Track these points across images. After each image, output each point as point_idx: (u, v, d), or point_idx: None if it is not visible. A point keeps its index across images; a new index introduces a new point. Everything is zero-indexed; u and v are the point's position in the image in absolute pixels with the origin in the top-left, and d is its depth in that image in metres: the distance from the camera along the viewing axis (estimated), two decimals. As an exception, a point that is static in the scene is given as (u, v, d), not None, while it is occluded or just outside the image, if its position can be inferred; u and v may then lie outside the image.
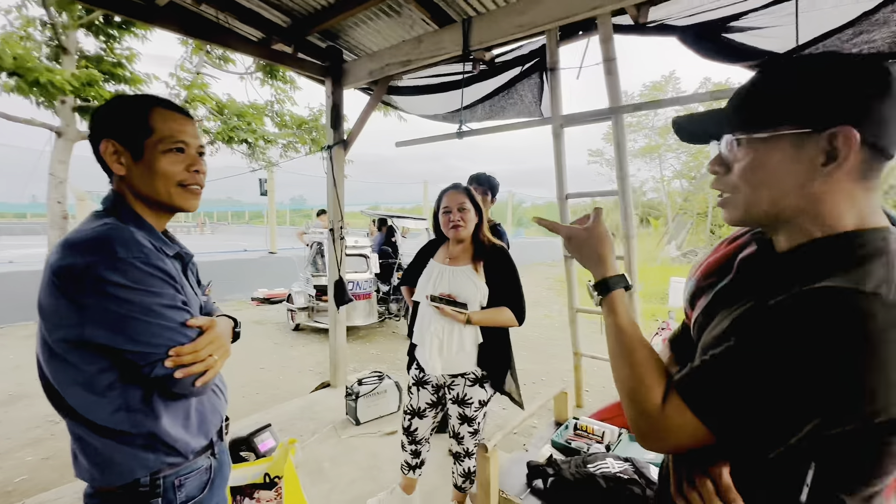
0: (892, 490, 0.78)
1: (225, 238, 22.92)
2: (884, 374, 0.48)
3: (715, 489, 0.60)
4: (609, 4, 2.01)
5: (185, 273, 1.01)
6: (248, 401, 3.85)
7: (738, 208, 0.65)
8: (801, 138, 0.57)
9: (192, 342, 0.86)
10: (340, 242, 3.44)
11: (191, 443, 0.94)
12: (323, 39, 3.23)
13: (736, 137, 0.62)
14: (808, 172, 0.57)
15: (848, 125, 0.54)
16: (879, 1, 1.77)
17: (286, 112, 7.31)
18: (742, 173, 0.62)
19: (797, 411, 0.52)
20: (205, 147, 0.99)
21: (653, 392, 0.62)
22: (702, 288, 0.78)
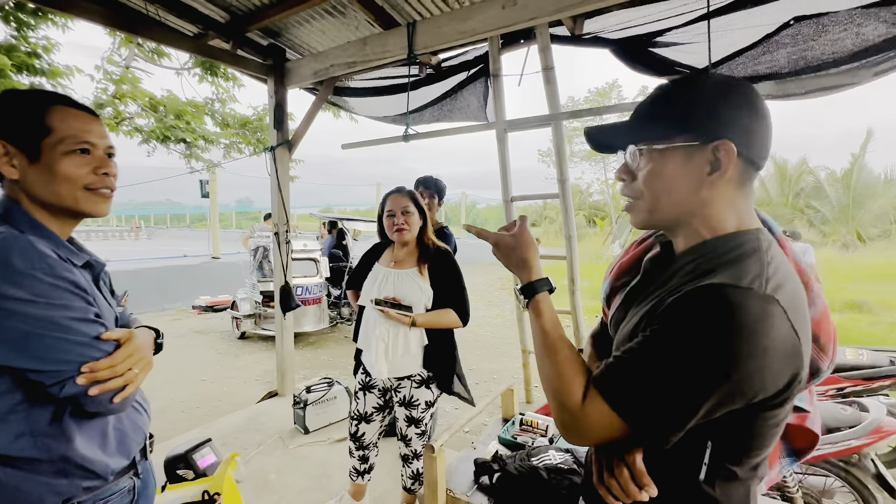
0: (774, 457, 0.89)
1: (163, 243, 21.44)
2: (756, 358, 0.55)
3: (630, 475, 0.65)
4: (546, 16, 2.10)
5: (98, 284, 0.94)
6: (188, 416, 3.63)
7: (642, 212, 0.71)
8: (691, 150, 0.64)
9: (108, 356, 0.81)
10: (287, 246, 3.33)
11: (110, 464, 0.88)
12: (264, 37, 3.12)
13: (638, 148, 0.68)
14: (698, 180, 0.65)
15: (727, 139, 0.62)
16: (779, 25, 1.98)
17: (228, 111, 6.96)
18: (644, 180, 0.68)
19: (693, 397, 0.57)
20: (114, 149, 0.93)
21: (574, 389, 0.66)
22: (615, 288, 0.85)
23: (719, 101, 0.63)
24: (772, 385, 0.57)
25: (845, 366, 2.53)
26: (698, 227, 0.67)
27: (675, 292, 0.62)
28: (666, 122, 0.66)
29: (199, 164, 7.33)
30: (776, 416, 0.62)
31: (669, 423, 0.60)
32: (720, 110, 0.63)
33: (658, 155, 0.66)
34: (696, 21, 2.12)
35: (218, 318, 7.25)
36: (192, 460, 2.26)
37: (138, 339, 0.88)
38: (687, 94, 0.66)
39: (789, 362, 0.57)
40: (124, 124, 6.20)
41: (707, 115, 0.63)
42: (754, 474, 0.67)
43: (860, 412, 1.98)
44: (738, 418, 0.61)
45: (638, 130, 0.69)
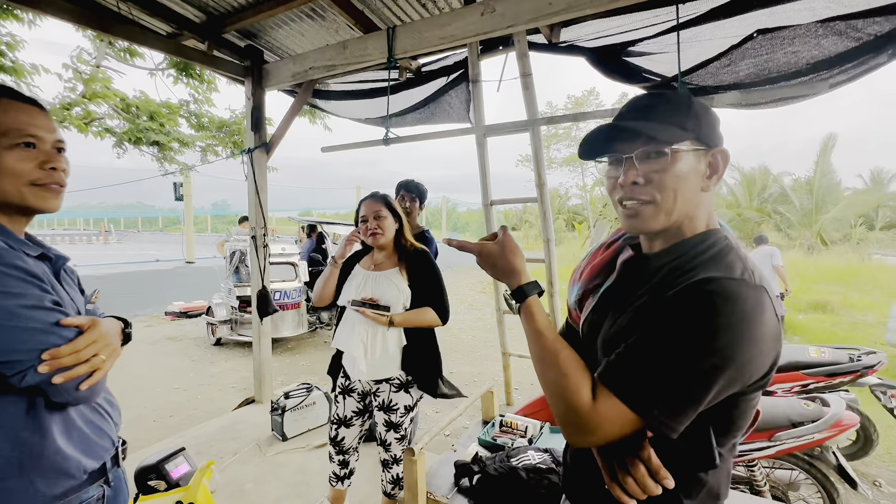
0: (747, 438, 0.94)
1: (134, 247, 20.74)
2: (755, 342, 0.60)
3: (647, 471, 0.66)
4: (524, 24, 2.15)
5: (58, 277, 0.91)
6: (161, 425, 3.52)
7: (658, 215, 0.71)
8: (697, 154, 0.70)
9: (70, 343, 0.78)
10: (264, 250, 3.28)
11: (82, 461, 0.86)
12: (242, 38, 3.08)
13: (656, 148, 0.69)
14: (699, 183, 0.71)
15: (724, 149, 0.71)
16: (744, 37, 2.08)
17: (204, 113, 6.82)
18: (665, 181, 0.69)
19: (702, 384, 0.60)
20: (65, 143, 0.90)
21: (582, 389, 0.66)
22: (588, 290, 0.86)
23: (713, 116, 0.73)
24: (762, 367, 0.63)
25: (808, 363, 2.64)
26: (683, 228, 0.72)
27: (669, 288, 0.66)
28: (677, 126, 0.70)
29: (173, 167, 7.15)
30: (758, 396, 0.68)
31: (682, 411, 0.62)
32: (715, 123, 0.72)
33: (676, 156, 0.69)
34: (666, 32, 2.20)
35: (192, 325, 7.06)
36: (165, 470, 2.18)
37: (103, 326, 0.85)
38: (688, 104, 0.71)
39: (775, 345, 0.63)
40: (94, 125, 6.00)
41: (708, 125, 0.71)
42: (732, 454, 0.73)
43: (822, 407, 2.08)
44: (730, 403, 0.65)
45: (654, 131, 0.69)
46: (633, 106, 0.75)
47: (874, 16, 1.83)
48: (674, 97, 0.73)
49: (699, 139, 0.70)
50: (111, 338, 0.87)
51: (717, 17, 2.08)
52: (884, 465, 3.06)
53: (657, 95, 0.74)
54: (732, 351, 0.59)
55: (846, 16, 1.87)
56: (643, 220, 0.72)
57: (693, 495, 0.71)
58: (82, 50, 5.79)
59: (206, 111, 6.74)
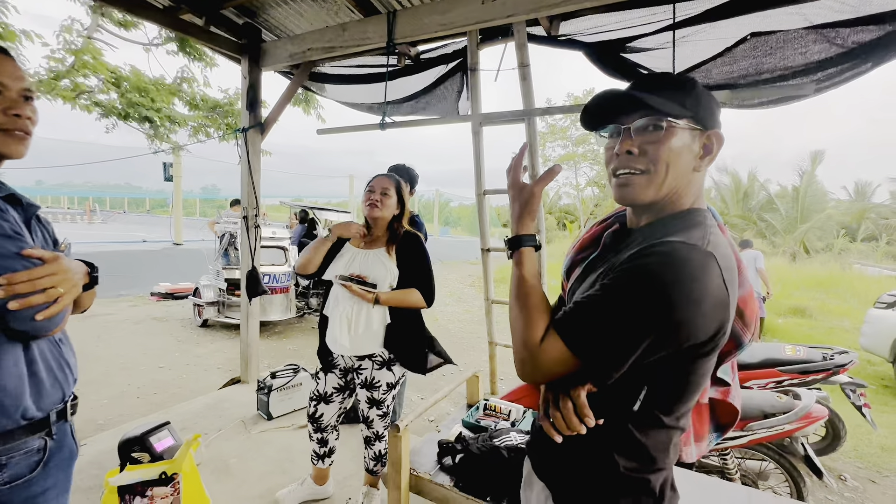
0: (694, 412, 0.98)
1: (120, 227, 20.39)
2: (693, 304, 0.62)
3: (573, 408, 0.71)
4: (524, 14, 2.17)
5: (29, 227, 0.91)
6: (145, 402, 3.51)
7: (651, 186, 0.73)
8: (694, 133, 0.73)
9: (28, 270, 0.78)
10: (255, 231, 3.28)
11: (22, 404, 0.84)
12: (240, 15, 3.05)
13: (655, 120, 0.71)
14: (692, 161, 0.74)
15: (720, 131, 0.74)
16: (738, 39, 2.12)
17: (198, 92, 6.71)
18: (660, 152, 0.71)
19: (634, 334, 0.64)
20: (33, 91, 0.90)
21: (537, 328, 0.72)
22: (576, 261, 0.91)
23: (713, 101, 0.75)
24: (703, 331, 0.65)
25: (784, 360, 2.74)
26: (670, 205, 0.75)
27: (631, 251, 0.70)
28: (681, 103, 0.72)
29: (163, 145, 7.04)
30: (703, 365, 0.70)
31: (613, 357, 0.66)
32: (714, 108, 0.75)
33: (672, 131, 0.71)
34: (663, 30, 2.24)
35: (178, 306, 7.00)
36: (149, 443, 2.19)
37: (65, 261, 0.85)
38: (691, 86, 0.74)
39: (718, 312, 0.65)
40: (83, 97, 5.87)
41: (707, 108, 0.74)
42: (678, 425, 0.75)
43: (793, 400, 2.16)
44: (670, 364, 0.68)
45: (657, 103, 0.71)
46: (637, 81, 0.78)
47: (859, 25, 1.89)
48: (678, 78, 0.76)
49: (696, 119, 0.72)
50: (72, 274, 0.86)
51: (712, 17, 2.12)
52: (850, 461, 3.18)
53: (662, 75, 0.77)
54: (666, 309, 0.62)
55: (834, 24, 1.93)
56: (633, 190, 0.74)
57: (627, 453, 0.74)
58: (74, 20, 5.66)
59: (200, 90, 6.64)
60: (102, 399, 3.48)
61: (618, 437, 0.74)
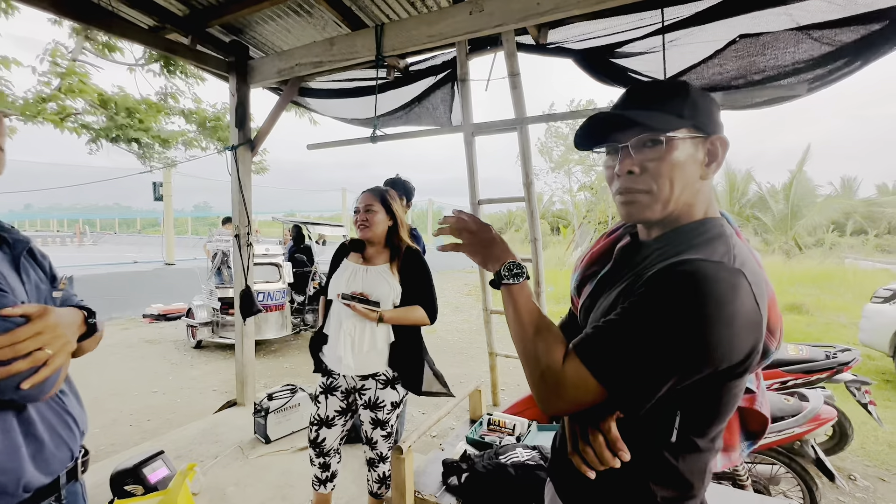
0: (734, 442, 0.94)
1: (110, 249, 20.16)
2: (725, 326, 0.58)
3: (605, 442, 0.66)
4: (512, 23, 2.16)
5: (18, 265, 0.84)
6: (138, 429, 3.41)
7: (652, 205, 0.70)
8: (695, 141, 0.69)
9: (8, 333, 0.70)
10: (248, 249, 3.22)
11: (23, 476, 0.76)
12: (226, 33, 3.03)
13: (652, 136, 0.68)
14: (698, 171, 0.70)
15: (722, 136, 0.70)
16: (727, 41, 2.13)
17: (186, 109, 6.67)
18: (662, 170, 0.68)
19: (667, 362, 0.59)
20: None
21: (554, 353, 0.67)
22: (586, 276, 0.87)
23: (711, 103, 0.72)
24: (736, 353, 0.61)
25: (787, 361, 2.71)
26: (681, 216, 0.72)
27: (649, 269, 0.66)
28: (674, 113, 0.69)
29: (154, 164, 6.98)
30: (737, 385, 0.67)
31: (644, 387, 0.61)
32: (713, 110, 0.71)
33: (672, 144, 0.68)
34: (652, 35, 2.25)
35: (171, 327, 6.88)
36: (143, 474, 2.12)
37: (55, 315, 0.76)
38: (685, 92, 0.70)
39: (752, 332, 0.61)
40: (69, 121, 5.82)
41: (706, 112, 0.70)
42: (712, 446, 0.71)
43: (801, 402, 2.13)
44: (703, 388, 0.64)
45: (651, 119, 0.68)
46: (629, 94, 0.74)
47: (846, 25, 1.90)
48: (670, 85, 0.72)
49: (696, 126, 0.69)
50: (63, 329, 0.77)
51: (700, 21, 2.13)
52: (858, 460, 3.15)
53: (654, 84, 0.75)
54: (700, 331, 0.58)
55: (821, 24, 1.94)
56: (639, 210, 0.71)
57: (664, 482, 0.69)
58: (59, 44, 5.62)
59: (188, 108, 6.61)
60: (94, 428, 3.38)
61: (653, 465, 0.69)
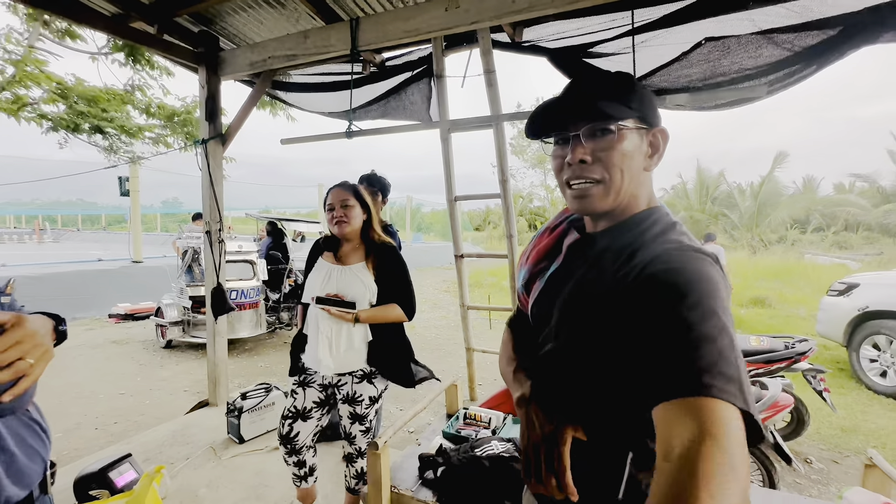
0: None
1: (73, 246, 19.27)
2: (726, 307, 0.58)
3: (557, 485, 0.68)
4: (487, 21, 2.17)
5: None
6: (104, 433, 3.29)
7: (605, 195, 0.70)
8: (641, 132, 0.71)
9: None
10: (219, 246, 3.14)
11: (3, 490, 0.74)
12: (195, 23, 2.94)
13: (603, 126, 0.68)
14: (642, 162, 0.72)
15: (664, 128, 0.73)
16: (693, 44, 2.20)
17: (153, 100, 6.41)
18: (612, 159, 0.68)
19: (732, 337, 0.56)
20: None
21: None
22: (534, 274, 0.85)
23: (652, 96, 0.74)
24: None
25: (750, 351, 2.84)
26: (628, 207, 0.73)
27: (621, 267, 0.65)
28: (623, 104, 0.69)
29: (119, 159, 6.70)
30: None
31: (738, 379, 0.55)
32: (654, 104, 0.74)
33: (621, 135, 0.69)
34: (623, 36, 2.30)
35: (140, 327, 6.65)
36: (109, 478, 2.06)
37: (30, 323, 0.73)
38: (631, 83, 0.72)
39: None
40: (26, 110, 5.52)
41: (649, 105, 0.72)
42: None
43: (761, 390, 2.24)
44: None
45: (601, 110, 0.68)
46: (577, 83, 0.74)
47: (804, 30, 1.99)
48: (617, 77, 0.73)
49: (642, 118, 0.71)
50: (41, 338, 0.73)
51: (668, 23, 2.19)
52: (814, 444, 3.33)
53: (602, 74, 0.74)
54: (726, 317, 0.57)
55: (781, 29, 2.03)
56: (592, 201, 0.71)
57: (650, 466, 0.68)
58: (11, 29, 5.32)
59: (157, 98, 6.35)
60: (56, 433, 3.24)
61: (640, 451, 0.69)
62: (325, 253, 1.89)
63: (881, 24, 1.80)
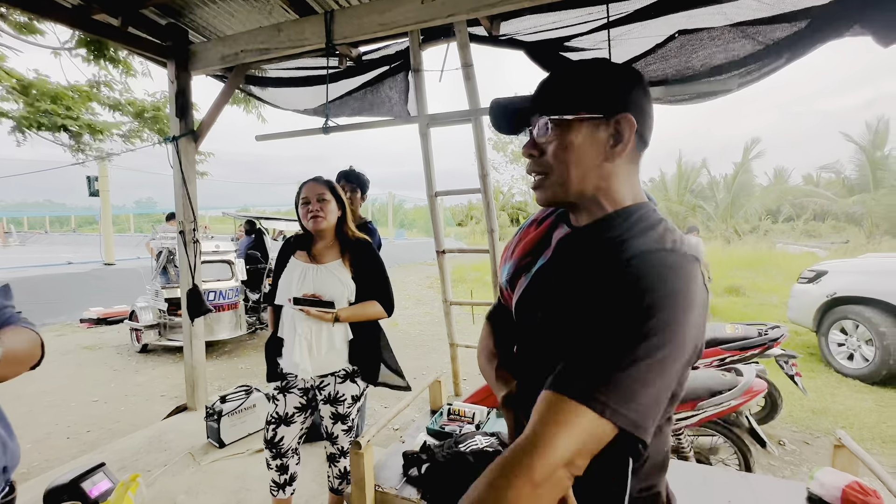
0: None
1: (41, 249, 18.53)
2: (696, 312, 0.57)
3: None
4: (464, 14, 2.15)
5: None
6: (76, 441, 3.18)
7: (553, 187, 0.70)
8: (596, 122, 0.67)
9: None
10: (194, 246, 3.06)
11: None
12: (162, 15, 2.83)
13: (548, 119, 0.68)
14: (602, 152, 0.68)
15: (628, 113, 0.66)
16: (667, 37, 2.23)
17: (121, 96, 6.17)
18: (554, 152, 0.68)
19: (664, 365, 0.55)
20: None
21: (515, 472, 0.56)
22: (520, 269, 0.82)
23: (619, 79, 0.68)
24: (702, 336, 0.61)
25: (725, 339, 2.91)
26: (602, 201, 0.70)
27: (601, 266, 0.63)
28: (572, 96, 0.68)
29: (87, 156, 6.44)
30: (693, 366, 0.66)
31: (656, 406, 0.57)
32: (621, 88, 0.68)
33: (567, 127, 0.67)
34: (598, 29, 2.31)
35: (113, 332, 6.44)
36: (81, 489, 1.98)
37: None
38: (590, 72, 0.69)
39: (706, 312, 0.61)
40: (-16, 108, 5.26)
41: (609, 91, 0.67)
42: (670, 424, 0.73)
43: (736, 376, 2.29)
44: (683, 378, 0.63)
45: (546, 103, 0.69)
46: (543, 80, 0.73)
47: (775, 23, 2.04)
48: (574, 66, 0.70)
49: (596, 107, 0.67)
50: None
51: (642, 17, 2.21)
52: (786, 427, 3.45)
53: (567, 65, 0.72)
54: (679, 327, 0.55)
55: (752, 21, 2.07)
56: (543, 193, 0.72)
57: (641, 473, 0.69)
58: (-34, 22, 5.03)
59: (125, 95, 6.12)
60: (25, 444, 3.12)
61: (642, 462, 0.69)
62: (297, 252, 1.84)
63: (848, 17, 1.85)
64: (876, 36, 1.85)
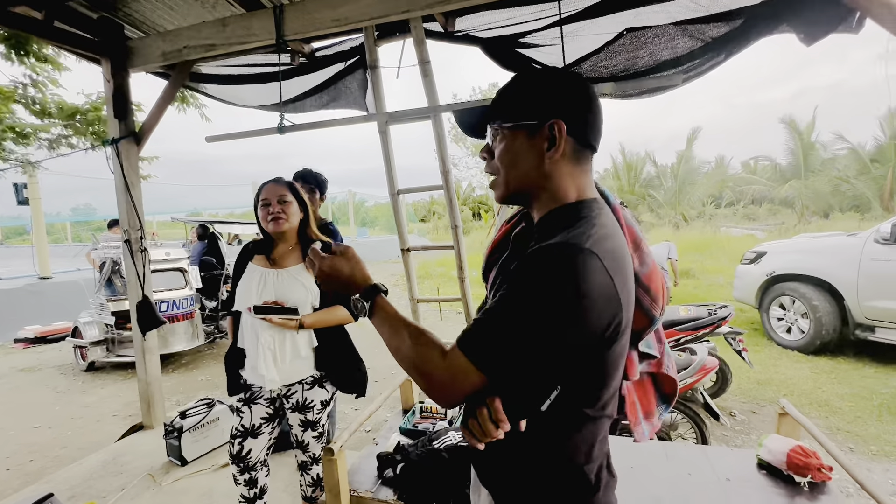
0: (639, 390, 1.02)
1: (-37, 265, 16.79)
2: (578, 301, 0.63)
3: (488, 414, 0.69)
4: (419, 10, 2.14)
5: None
6: (17, 473, 2.93)
7: (500, 186, 0.80)
8: (532, 128, 0.74)
9: None
10: (142, 255, 2.88)
11: None
12: (92, 8, 2.63)
13: (492, 127, 0.79)
14: (539, 155, 0.74)
15: (560, 119, 0.72)
16: (615, 34, 2.31)
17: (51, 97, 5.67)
18: (498, 156, 0.78)
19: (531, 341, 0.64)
20: None
21: (434, 352, 0.71)
22: (490, 263, 0.92)
23: (555, 88, 0.75)
24: (595, 325, 0.66)
25: (679, 321, 3.08)
26: (547, 199, 0.77)
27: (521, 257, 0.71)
28: (514, 105, 0.76)
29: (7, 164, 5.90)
30: (612, 353, 0.71)
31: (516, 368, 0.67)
32: (555, 96, 0.74)
33: (509, 133, 0.76)
34: (551, 26, 2.36)
35: (54, 351, 5.97)
36: (27, 524, 1.84)
37: None
38: (530, 82, 0.77)
39: (608, 305, 0.66)
40: None
41: (545, 99, 0.74)
42: (604, 413, 0.76)
43: (691, 356, 2.44)
44: (580, 361, 0.69)
45: (494, 113, 0.79)
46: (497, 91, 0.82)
47: (715, 21, 2.16)
48: (519, 78, 0.79)
49: (531, 115, 0.74)
50: None
51: (594, 14, 2.28)
52: (736, 399, 3.70)
53: (514, 77, 0.80)
54: (558, 309, 0.63)
55: (693, 20, 2.18)
56: (495, 191, 0.81)
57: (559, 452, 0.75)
58: None
59: (54, 95, 5.63)
60: (-43, 480, 2.84)
61: (548, 437, 0.75)
62: (255, 257, 1.76)
63: (776, 16, 1.99)
64: (800, 35, 2.00)
